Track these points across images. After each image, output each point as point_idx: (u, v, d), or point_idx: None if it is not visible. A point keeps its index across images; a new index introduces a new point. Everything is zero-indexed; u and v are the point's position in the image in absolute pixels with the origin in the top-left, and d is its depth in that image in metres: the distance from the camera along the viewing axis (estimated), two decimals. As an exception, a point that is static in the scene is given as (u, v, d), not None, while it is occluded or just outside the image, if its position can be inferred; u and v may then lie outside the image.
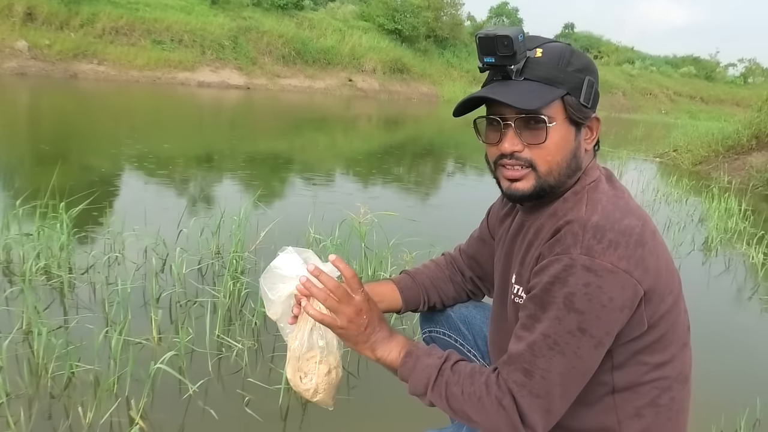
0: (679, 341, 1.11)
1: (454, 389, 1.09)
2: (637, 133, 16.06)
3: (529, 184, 1.11)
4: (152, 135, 8.23)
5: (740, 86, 44.08)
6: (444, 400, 1.10)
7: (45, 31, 16.52)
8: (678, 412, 1.13)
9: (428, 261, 1.60)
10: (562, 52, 1.09)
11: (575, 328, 0.98)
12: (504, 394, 1.04)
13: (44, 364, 2.09)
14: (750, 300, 3.86)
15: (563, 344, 1.00)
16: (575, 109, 1.09)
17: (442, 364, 1.12)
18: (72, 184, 4.33)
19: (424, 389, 1.12)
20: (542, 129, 1.07)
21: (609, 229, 1.00)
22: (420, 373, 1.12)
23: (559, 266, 1.00)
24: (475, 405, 1.07)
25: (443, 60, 27.65)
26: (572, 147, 1.11)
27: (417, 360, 1.13)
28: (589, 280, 0.97)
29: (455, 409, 1.10)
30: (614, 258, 0.97)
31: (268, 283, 1.26)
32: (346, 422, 2.02)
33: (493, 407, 1.05)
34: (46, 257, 2.91)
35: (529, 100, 1.05)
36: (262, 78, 20.27)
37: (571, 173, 1.12)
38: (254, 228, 3.50)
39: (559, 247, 1.02)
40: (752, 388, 2.55)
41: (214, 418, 1.95)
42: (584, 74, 1.10)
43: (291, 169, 7.15)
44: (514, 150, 1.10)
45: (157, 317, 2.45)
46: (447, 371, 1.11)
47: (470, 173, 8.58)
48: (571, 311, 0.98)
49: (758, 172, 8.76)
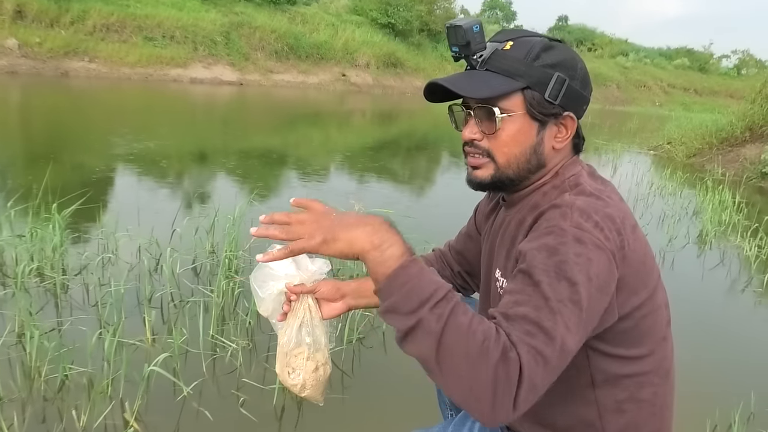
0: (657, 335, 1.10)
1: (461, 318, 0.86)
2: (632, 125, 16.10)
3: (487, 173, 1.14)
4: (145, 133, 8.19)
5: (734, 78, 44.15)
6: (439, 326, 0.85)
7: (35, 28, 16.37)
8: (662, 407, 1.13)
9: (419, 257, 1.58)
10: (533, 46, 1.08)
11: (566, 298, 0.90)
12: (510, 347, 0.85)
13: (37, 367, 2.08)
14: (743, 292, 3.87)
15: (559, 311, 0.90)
16: (536, 104, 1.08)
17: (450, 289, 0.90)
18: (64, 184, 4.30)
19: (418, 304, 0.87)
20: (492, 119, 1.08)
21: (594, 212, 0.99)
22: (424, 283, 0.89)
23: (550, 238, 0.96)
24: (478, 346, 0.84)
25: (437, 54, 27.56)
26: (532, 142, 1.11)
27: (422, 270, 0.91)
28: (579, 251, 0.94)
29: (446, 346, 0.85)
30: (601, 236, 0.96)
31: (259, 281, 1.28)
32: (340, 421, 2.02)
33: (497, 354, 0.83)
34: (39, 259, 2.89)
35: (478, 89, 1.07)
36: (255, 74, 20.18)
37: (532, 168, 1.12)
38: (248, 226, 3.49)
39: (546, 223, 1.00)
40: (746, 381, 2.55)
41: (209, 419, 1.95)
42: (555, 70, 1.07)
43: (285, 166, 7.13)
44: (473, 138, 1.13)
45: (151, 318, 2.44)
46: (455, 299, 0.89)
47: (464, 168, 8.56)
48: (562, 279, 0.91)
49: (752, 164, 8.79)
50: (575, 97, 1.10)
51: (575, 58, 1.11)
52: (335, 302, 1.33)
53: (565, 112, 1.10)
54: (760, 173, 8.42)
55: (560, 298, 0.90)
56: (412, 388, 2.13)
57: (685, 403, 1.16)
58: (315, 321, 1.26)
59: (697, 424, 2.17)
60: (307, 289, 1.27)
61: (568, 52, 1.12)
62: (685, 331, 1.17)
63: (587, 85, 1.13)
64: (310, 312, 1.27)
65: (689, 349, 1.16)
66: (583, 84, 1.12)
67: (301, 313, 1.26)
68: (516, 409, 0.83)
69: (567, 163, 1.15)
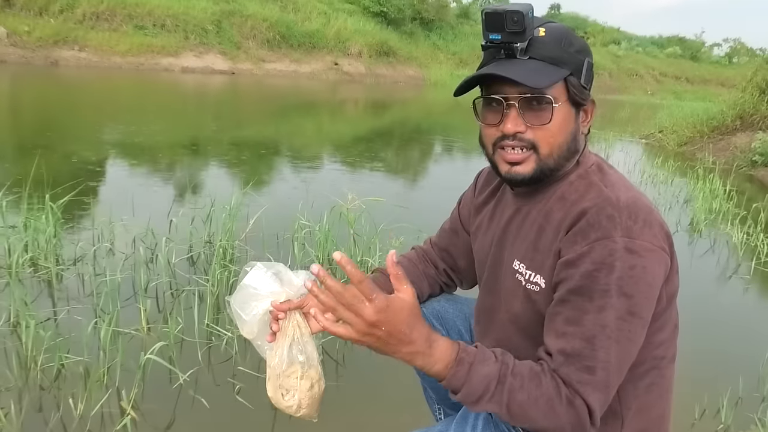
0: (675, 320, 1.13)
1: (519, 395, 0.98)
2: (623, 114, 16.14)
3: (530, 168, 1.09)
4: (137, 123, 8.15)
5: (725, 66, 44.22)
6: (503, 407, 0.99)
7: (24, 17, 16.21)
8: (667, 389, 1.15)
9: (400, 256, 1.54)
10: (564, 32, 1.09)
11: (626, 313, 0.97)
12: (574, 395, 0.98)
13: (33, 356, 2.10)
14: (731, 279, 3.92)
15: (617, 331, 0.97)
16: (577, 91, 1.08)
17: (500, 369, 1.00)
18: (57, 174, 4.29)
19: (478, 398, 0.99)
20: (547, 109, 1.06)
21: (639, 208, 1.00)
22: (476, 383, 0.99)
23: (603, 251, 0.97)
24: (544, 408, 0.98)
25: (429, 42, 27.44)
26: (572, 129, 1.11)
27: (470, 369, 0.99)
28: (633, 263, 0.96)
29: (515, 414, 1.00)
30: (650, 236, 0.98)
31: (239, 303, 1.22)
32: (335, 409, 2.04)
33: (563, 408, 0.98)
34: (33, 249, 2.89)
35: (537, 78, 1.03)
36: (246, 63, 20.05)
37: (569, 156, 1.11)
38: (243, 216, 3.50)
39: (594, 232, 0.99)
40: (734, 366, 2.60)
41: (205, 407, 1.97)
42: (584, 55, 1.10)
43: (278, 156, 7.12)
44: (517, 131, 1.07)
45: (147, 307, 2.45)
46: (508, 378, 0.99)
47: (458, 157, 8.59)
48: (621, 296, 0.96)
49: (742, 152, 8.84)
50: (592, 81, 1.13)
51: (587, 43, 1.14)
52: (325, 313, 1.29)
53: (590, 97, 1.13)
54: (750, 161, 8.47)
55: (619, 316, 0.97)
56: (405, 376, 2.15)
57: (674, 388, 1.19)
58: (305, 338, 1.21)
59: (687, 408, 2.21)
60: (295, 305, 1.20)
61: (580, 37, 1.14)
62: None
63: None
64: (299, 329, 1.20)
65: (679, 334, 1.18)
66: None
67: (290, 331, 1.20)
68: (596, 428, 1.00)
69: (585, 149, 1.16)
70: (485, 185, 1.38)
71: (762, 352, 2.68)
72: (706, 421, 2.20)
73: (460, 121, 12.07)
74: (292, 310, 1.20)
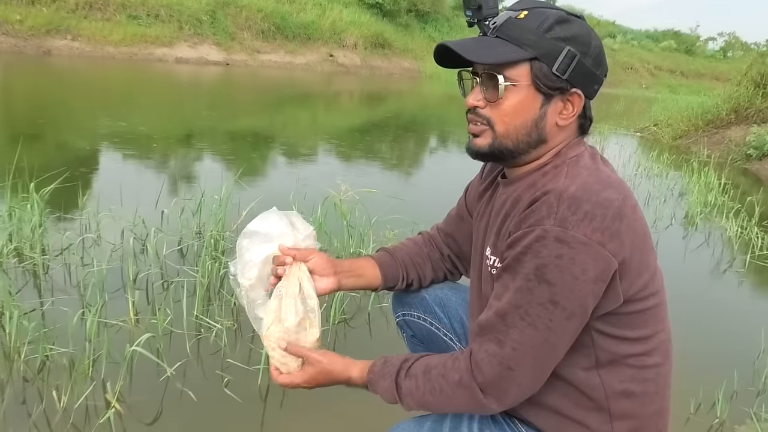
0: (660, 315, 1.11)
1: (416, 393, 1.11)
2: (618, 107, 16.09)
3: (485, 142, 1.12)
4: (129, 112, 8.07)
5: (720, 60, 44.25)
6: (417, 407, 1.13)
7: (15, 5, 15.99)
8: (664, 386, 1.13)
9: (406, 239, 1.57)
10: (548, 17, 1.05)
11: (547, 300, 0.98)
12: (461, 373, 1.05)
13: (17, 347, 2.05)
14: (726, 273, 3.91)
15: (534, 316, 0.99)
16: (542, 77, 1.05)
17: (396, 378, 1.13)
18: (44, 163, 4.22)
19: (394, 403, 1.15)
20: (497, 87, 1.06)
21: (586, 200, 0.97)
22: (384, 394, 1.15)
23: (532, 237, 0.98)
24: (439, 398, 1.08)
25: (425, 35, 27.32)
26: (534, 115, 1.08)
27: (376, 384, 1.16)
28: (561, 252, 0.95)
29: (429, 409, 1.14)
30: (588, 230, 0.95)
31: (244, 246, 1.20)
32: (325, 401, 2.01)
33: (455, 391, 1.06)
34: (18, 239, 2.83)
35: (484, 54, 1.06)
36: (241, 54, 19.89)
37: (532, 143, 1.10)
38: (235, 207, 3.45)
39: (533, 218, 1.00)
40: (729, 360, 2.58)
41: (193, 400, 1.93)
42: (567, 44, 1.05)
43: (272, 147, 7.06)
44: (476, 104, 1.11)
45: (135, 299, 2.41)
46: (404, 382, 1.12)
47: (453, 149, 8.55)
48: (542, 282, 0.97)
49: (737, 145, 8.84)
50: (585, 74, 1.08)
51: (591, 35, 1.08)
52: (327, 278, 1.30)
53: (573, 89, 1.07)
54: (745, 155, 8.48)
55: (540, 302, 0.98)
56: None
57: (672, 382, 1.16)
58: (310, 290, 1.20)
59: (682, 402, 2.19)
60: (301, 254, 1.23)
61: (584, 27, 1.08)
62: (670, 311, 1.16)
63: (601, 65, 1.10)
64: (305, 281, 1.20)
65: (673, 328, 1.16)
66: (596, 63, 1.09)
67: (295, 282, 1.19)
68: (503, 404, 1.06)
69: (571, 142, 1.13)
70: (489, 173, 1.37)
71: (757, 345, 2.67)
72: (702, 416, 2.18)
73: (456, 113, 12.01)
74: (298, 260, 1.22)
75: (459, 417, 1.14)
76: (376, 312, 2.68)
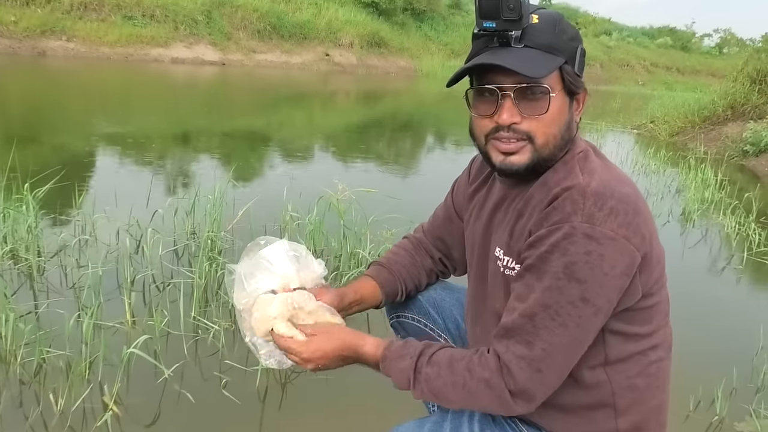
0: (664, 310, 1.12)
1: (436, 383, 1.06)
2: (615, 104, 16.11)
3: (525, 158, 1.06)
4: (124, 113, 8.04)
5: (715, 57, 44.30)
6: (431, 396, 1.07)
7: (10, 6, 15.93)
8: (665, 380, 1.14)
9: (395, 248, 1.54)
10: (557, 19, 1.05)
11: (577, 298, 0.96)
12: (491, 373, 1.01)
13: (13, 350, 2.04)
14: (724, 270, 3.90)
15: (565, 315, 0.97)
16: (572, 79, 1.06)
17: (417, 362, 1.08)
18: (39, 164, 4.19)
19: (405, 387, 1.10)
20: (544, 99, 1.03)
21: (609, 196, 0.97)
22: (397, 376, 1.10)
23: (559, 235, 0.96)
24: (461, 392, 1.04)
25: (421, 33, 27.29)
26: (567, 118, 1.08)
27: (391, 364, 1.11)
28: (590, 248, 0.94)
29: (444, 401, 1.07)
30: (614, 225, 0.95)
31: (247, 270, 1.18)
32: (323, 402, 2.01)
33: (480, 389, 1.02)
34: (13, 241, 2.82)
35: (535, 68, 1.00)
36: (237, 54, 19.85)
37: (563, 145, 1.09)
38: (230, 207, 3.43)
39: (557, 215, 0.98)
40: (728, 357, 2.58)
41: (191, 402, 1.92)
42: (576, 43, 1.06)
43: (268, 147, 7.04)
44: (513, 122, 1.04)
45: (131, 300, 2.40)
46: (425, 368, 1.07)
47: (449, 148, 8.55)
48: (572, 280, 0.95)
49: (734, 142, 8.84)
50: (584, 69, 1.10)
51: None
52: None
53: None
54: (742, 151, 8.48)
55: (570, 300, 0.96)
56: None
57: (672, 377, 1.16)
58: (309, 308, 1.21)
59: (681, 400, 2.19)
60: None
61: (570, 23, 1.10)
62: (670, 308, 1.16)
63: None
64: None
65: (672, 326, 1.16)
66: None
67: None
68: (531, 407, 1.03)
69: (576, 137, 1.13)
70: (479, 173, 1.35)
71: (755, 342, 2.66)
72: (701, 413, 2.18)
73: (452, 112, 12.01)
74: None
75: (459, 418, 1.13)
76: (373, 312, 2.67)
